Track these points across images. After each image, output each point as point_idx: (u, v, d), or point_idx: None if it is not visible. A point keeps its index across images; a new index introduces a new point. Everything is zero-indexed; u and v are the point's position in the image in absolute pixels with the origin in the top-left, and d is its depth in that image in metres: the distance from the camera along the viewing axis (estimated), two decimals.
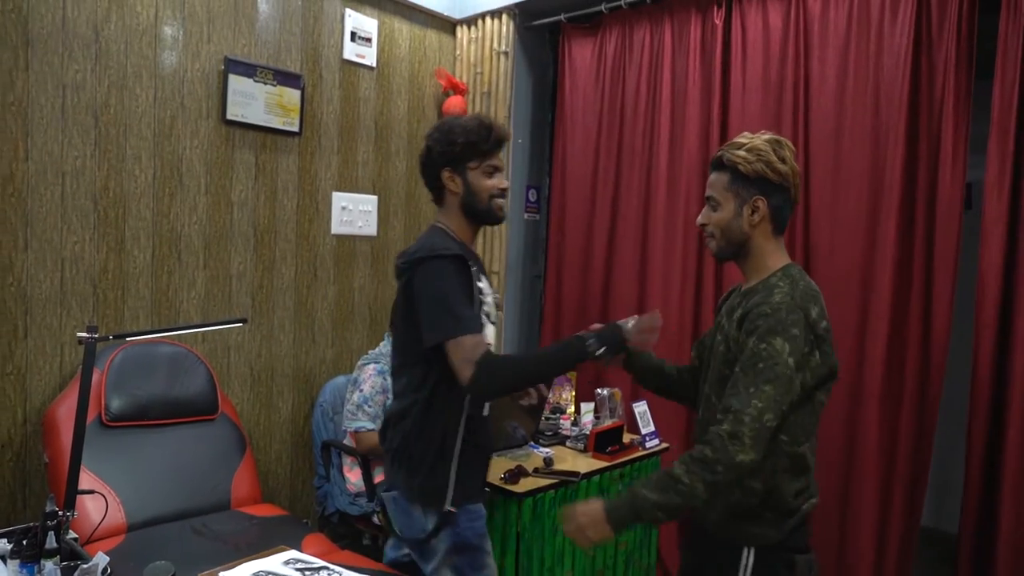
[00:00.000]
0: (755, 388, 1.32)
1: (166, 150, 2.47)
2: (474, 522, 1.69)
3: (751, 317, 1.37)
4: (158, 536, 2.05)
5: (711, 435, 1.33)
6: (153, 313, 2.48)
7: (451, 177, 1.69)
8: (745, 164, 1.43)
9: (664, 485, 1.33)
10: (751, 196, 1.44)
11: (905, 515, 2.36)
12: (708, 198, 1.51)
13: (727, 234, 1.48)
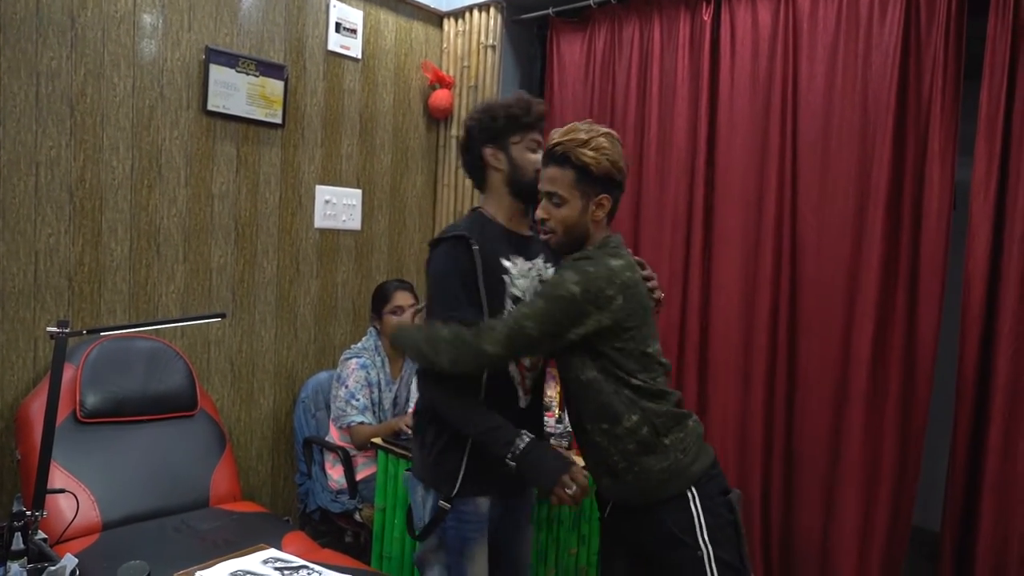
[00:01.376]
0: (530, 304, 1.45)
1: (145, 141, 2.42)
2: (463, 524, 1.61)
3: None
4: (134, 535, 2.01)
5: (480, 326, 1.46)
6: (131, 307, 2.43)
7: (494, 154, 1.66)
8: (596, 165, 1.46)
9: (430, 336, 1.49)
10: (597, 194, 1.50)
11: (891, 515, 2.36)
12: (550, 194, 1.52)
13: (571, 231, 1.52)
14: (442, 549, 1.64)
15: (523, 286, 1.65)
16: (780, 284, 2.54)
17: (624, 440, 1.46)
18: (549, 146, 1.52)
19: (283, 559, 1.80)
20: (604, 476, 1.54)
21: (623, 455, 1.47)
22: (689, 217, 2.73)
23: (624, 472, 1.48)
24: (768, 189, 2.55)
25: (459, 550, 1.63)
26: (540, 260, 1.71)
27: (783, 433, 2.55)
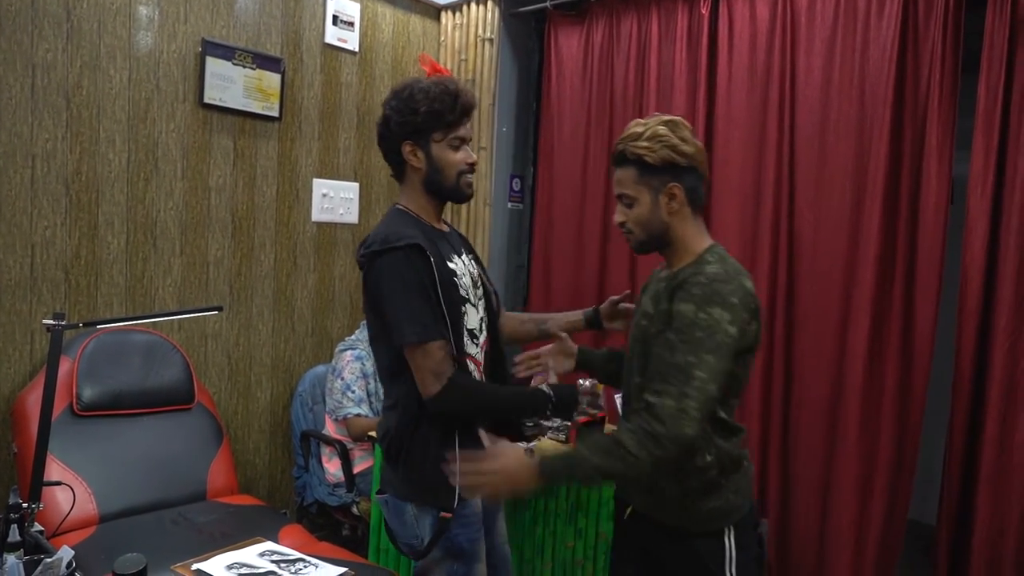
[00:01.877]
0: (696, 359, 1.28)
1: (141, 133, 2.41)
2: (467, 528, 1.56)
3: (685, 287, 1.34)
4: (131, 527, 2.01)
5: (659, 407, 1.27)
6: (127, 300, 2.43)
7: (413, 151, 1.53)
8: (651, 154, 1.39)
9: (610, 451, 1.29)
10: (665, 184, 1.41)
11: (887, 508, 2.37)
12: (620, 195, 1.45)
13: (648, 228, 1.45)
14: (448, 558, 1.56)
15: (466, 284, 1.57)
16: (777, 278, 2.54)
17: (690, 476, 1.39)
18: (613, 149, 1.47)
19: (280, 552, 1.81)
20: (645, 494, 1.47)
21: (682, 489, 1.40)
22: None
23: (672, 501, 1.42)
24: (765, 183, 2.55)
25: (470, 552, 1.56)
26: (465, 255, 1.64)
27: (780, 426, 2.56)
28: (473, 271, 1.64)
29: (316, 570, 1.70)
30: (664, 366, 1.31)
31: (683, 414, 1.26)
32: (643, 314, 1.47)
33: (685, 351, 1.29)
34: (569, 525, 2.25)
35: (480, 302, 1.62)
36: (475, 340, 1.59)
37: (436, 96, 1.50)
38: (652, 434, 1.26)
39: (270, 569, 1.70)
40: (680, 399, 1.27)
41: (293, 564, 1.74)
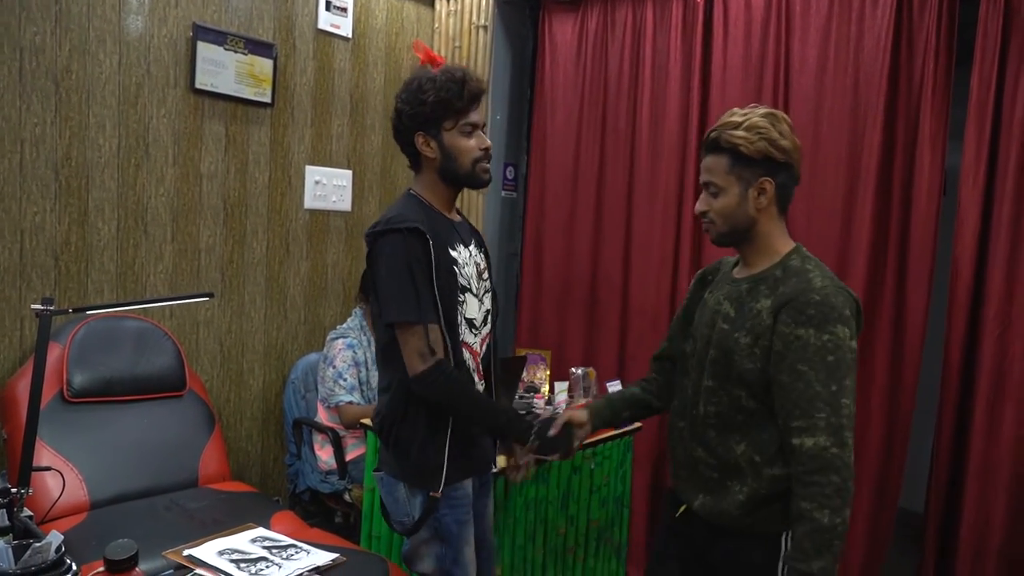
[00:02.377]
0: (837, 386, 1.25)
1: (131, 119, 2.39)
2: (456, 509, 1.60)
3: (796, 306, 1.29)
4: (123, 514, 2.01)
5: (817, 455, 1.24)
6: (118, 287, 2.41)
7: (426, 141, 1.55)
8: (747, 145, 1.33)
9: (823, 542, 1.22)
10: (757, 178, 1.35)
11: (877, 497, 2.39)
12: (706, 184, 1.40)
13: (732, 220, 1.38)
14: (436, 539, 1.61)
15: (469, 274, 1.59)
16: None
17: (762, 482, 1.35)
18: (706, 135, 1.42)
19: (271, 538, 1.81)
20: (706, 495, 1.44)
21: (750, 493, 1.36)
22: (680, 198, 2.73)
23: (737, 504, 1.38)
24: None
25: (457, 534, 1.60)
26: (473, 247, 1.65)
27: None
28: (480, 263, 1.66)
29: (307, 556, 1.71)
30: (802, 399, 1.27)
31: (844, 447, 1.24)
32: (722, 315, 1.41)
33: (823, 381, 1.26)
34: (561, 512, 2.26)
35: (486, 295, 1.66)
36: (474, 330, 1.61)
37: (443, 85, 1.51)
38: (836, 491, 1.22)
39: (261, 555, 1.70)
40: (835, 433, 1.24)
41: (285, 550, 1.74)
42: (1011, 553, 2.16)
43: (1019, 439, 2.13)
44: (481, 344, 1.66)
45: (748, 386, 1.36)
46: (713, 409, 1.41)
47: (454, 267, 1.55)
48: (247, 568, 1.62)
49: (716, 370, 1.40)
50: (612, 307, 2.95)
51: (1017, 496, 2.14)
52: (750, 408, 1.37)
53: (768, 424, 1.35)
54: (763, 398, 1.35)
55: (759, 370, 1.34)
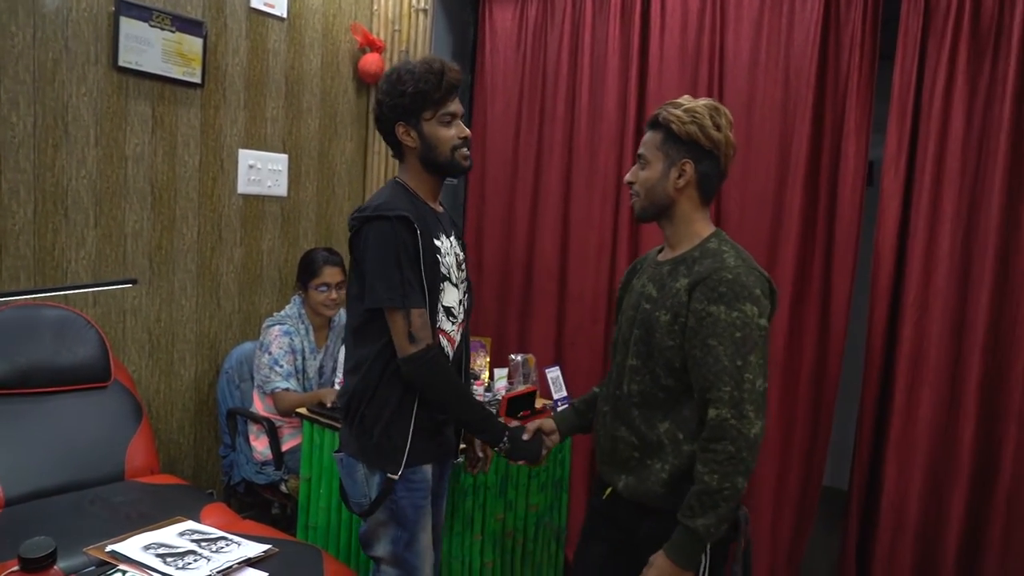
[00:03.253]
0: (742, 361, 1.32)
1: (48, 96, 2.27)
2: (413, 493, 1.62)
3: (709, 284, 1.35)
4: (42, 510, 1.92)
5: (718, 425, 1.32)
6: (36, 274, 2.30)
7: (406, 132, 1.62)
8: (679, 124, 1.41)
9: (708, 503, 1.33)
10: (679, 158, 1.43)
11: (804, 476, 2.48)
12: (639, 155, 1.49)
13: (651, 194, 1.47)
14: (392, 521, 1.62)
15: (449, 263, 1.64)
16: None
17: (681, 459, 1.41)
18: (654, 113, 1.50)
19: (200, 531, 1.77)
20: (629, 475, 1.48)
21: (671, 471, 1.42)
22: (618, 186, 2.76)
23: (659, 483, 1.43)
24: None
25: (413, 519, 1.62)
26: (453, 238, 1.71)
27: None
28: (459, 254, 1.72)
29: (238, 548, 1.67)
30: (710, 373, 1.34)
31: (743, 419, 1.31)
32: (645, 296, 1.48)
33: (730, 356, 1.32)
34: (499, 498, 2.27)
35: (462, 284, 1.71)
36: (451, 318, 1.66)
37: (421, 76, 1.57)
38: (728, 457, 1.31)
39: (190, 548, 1.66)
40: (736, 405, 1.31)
41: (214, 543, 1.70)
42: (926, 528, 2.28)
43: (934, 419, 2.25)
44: (458, 332, 1.71)
45: (668, 364, 1.42)
46: (636, 388, 1.46)
47: (437, 256, 1.61)
48: (174, 562, 1.58)
49: (639, 349, 1.46)
50: (550, 294, 2.97)
51: (932, 473, 2.26)
52: (669, 386, 1.43)
53: (688, 401, 1.42)
54: (681, 376, 1.41)
55: (678, 347, 1.40)
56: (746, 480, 1.33)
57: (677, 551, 1.36)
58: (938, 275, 2.23)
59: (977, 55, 2.16)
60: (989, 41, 2.14)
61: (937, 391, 2.24)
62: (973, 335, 2.18)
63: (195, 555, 1.61)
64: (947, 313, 2.22)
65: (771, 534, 2.52)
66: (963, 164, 2.19)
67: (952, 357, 2.23)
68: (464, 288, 1.73)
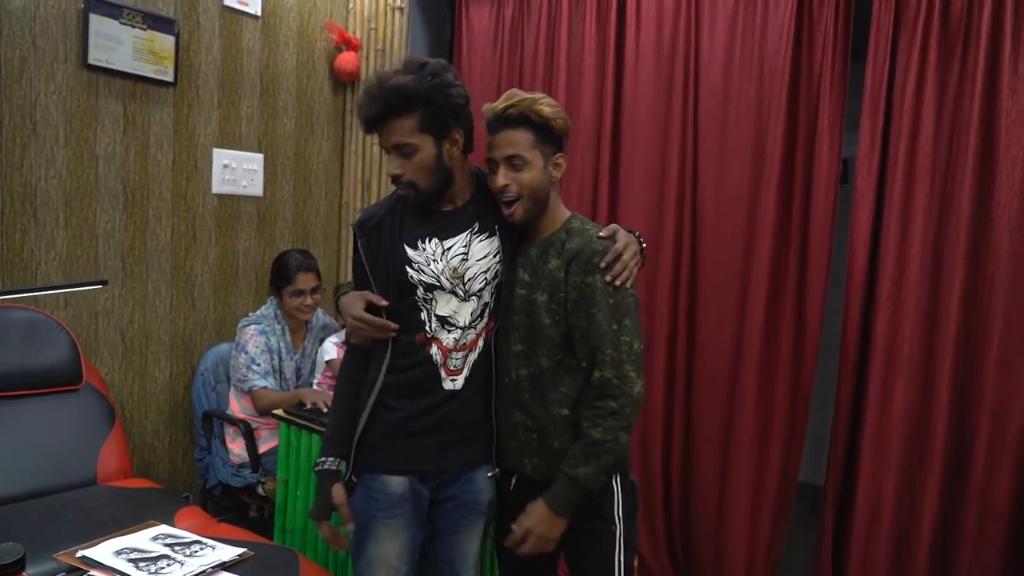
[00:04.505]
0: (618, 325, 1.41)
1: (15, 95, 2.23)
2: (366, 501, 1.56)
3: (583, 257, 1.43)
4: (11, 516, 1.89)
5: (602, 385, 1.41)
6: (4, 275, 2.26)
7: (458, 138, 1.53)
8: (557, 119, 1.44)
9: (591, 453, 1.41)
10: (553, 153, 1.47)
11: (781, 472, 2.50)
12: (510, 157, 1.43)
13: (536, 195, 1.46)
14: (355, 519, 1.58)
15: (438, 270, 1.52)
16: (682, 252, 2.62)
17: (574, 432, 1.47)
18: (497, 112, 1.45)
19: (174, 535, 1.74)
20: (534, 458, 1.53)
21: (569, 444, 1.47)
22: (595, 184, 2.77)
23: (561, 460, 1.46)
24: (671, 159, 2.61)
25: (363, 525, 1.56)
26: (465, 235, 1.54)
27: (683, 397, 2.65)
28: (466, 255, 1.53)
29: (213, 552, 1.65)
30: (593, 339, 1.42)
31: (624, 378, 1.40)
32: (519, 283, 1.52)
33: (608, 321, 1.41)
34: None
35: (475, 290, 1.54)
36: (448, 327, 1.53)
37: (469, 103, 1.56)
38: (610, 412, 1.40)
39: (163, 553, 1.63)
40: (617, 366, 1.40)
41: (188, 547, 1.68)
42: (900, 521, 2.30)
43: (907, 413, 2.27)
44: (463, 336, 1.55)
45: (548, 342, 1.47)
46: (525, 372, 1.51)
47: (406, 266, 1.51)
48: (146, 567, 1.56)
49: (522, 333, 1.51)
50: None
51: (906, 467, 2.29)
52: (550, 367, 1.48)
53: (569, 377, 1.47)
54: (560, 352, 1.47)
55: (556, 323, 1.46)
56: (627, 435, 1.42)
57: (555, 499, 1.43)
58: (911, 270, 2.25)
59: (947, 53, 2.19)
60: (958, 40, 2.17)
61: (910, 384, 2.26)
62: (945, 329, 2.21)
63: (168, 559, 1.59)
64: (920, 308, 2.25)
65: (749, 529, 2.53)
66: (934, 161, 2.22)
67: (925, 351, 2.25)
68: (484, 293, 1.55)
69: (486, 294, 1.55)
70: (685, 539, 2.71)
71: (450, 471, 1.58)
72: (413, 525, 1.57)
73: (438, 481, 1.58)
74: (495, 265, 1.55)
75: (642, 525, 2.70)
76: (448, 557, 1.61)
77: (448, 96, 1.45)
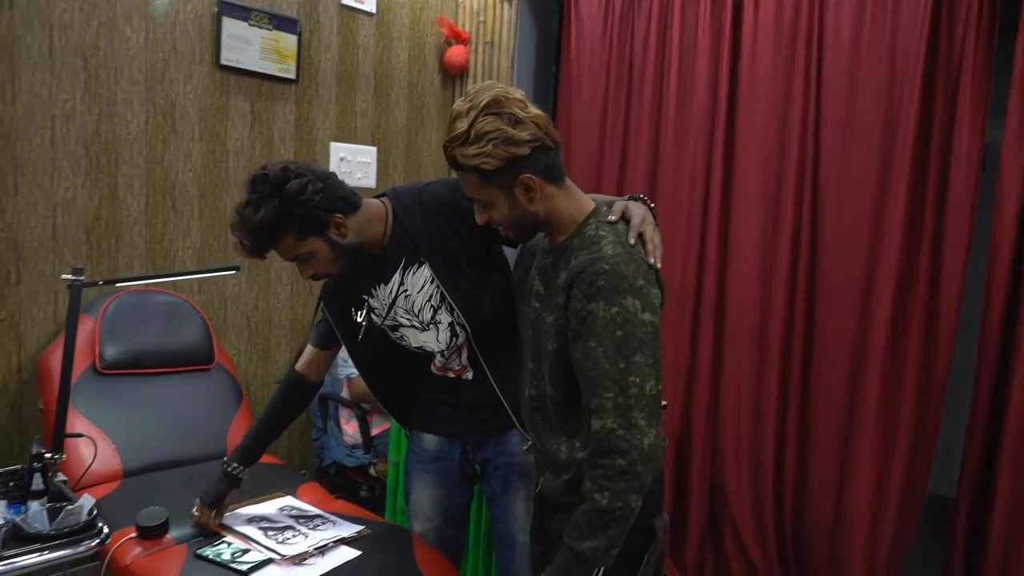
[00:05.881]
0: (625, 363, 1.16)
1: (159, 95, 2.41)
2: (410, 455, 1.80)
3: (585, 278, 1.19)
4: (154, 482, 2.04)
5: (604, 438, 1.17)
6: (148, 262, 2.45)
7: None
8: (486, 161, 1.20)
9: (598, 524, 1.19)
10: (514, 179, 1.23)
11: (906, 480, 2.34)
12: (473, 200, 1.30)
13: (520, 223, 1.29)
14: None
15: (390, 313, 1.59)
16: (800, 244, 2.49)
17: (573, 468, 1.30)
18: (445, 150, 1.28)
19: (299, 508, 1.84)
20: (546, 472, 1.42)
21: (570, 477, 1.31)
22: (708, 175, 2.68)
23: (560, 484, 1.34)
24: (790, 147, 2.49)
25: (408, 474, 1.81)
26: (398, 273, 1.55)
27: (798, 395, 2.53)
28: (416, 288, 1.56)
29: (334, 527, 1.73)
30: (591, 379, 1.19)
31: (631, 428, 1.16)
32: (535, 294, 1.35)
33: (611, 358, 1.17)
34: None
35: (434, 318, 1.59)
36: (427, 352, 1.67)
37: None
38: (619, 473, 1.17)
39: (289, 524, 1.73)
40: (622, 414, 1.16)
41: (311, 520, 1.77)
42: None
43: None
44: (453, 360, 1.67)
45: (552, 370, 1.29)
46: (535, 392, 1.37)
47: (371, 313, 1.63)
48: (274, 536, 1.65)
49: (533, 351, 1.35)
50: None
51: None
52: (555, 396, 1.31)
53: (573, 409, 1.30)
54: (564, 384, 1.28)
55: (558, 351, 1.27)
56: (640, 498, 1.18)
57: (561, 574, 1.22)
58: None
59: None
60: None
61: None
62: None
63: (294, 531, 1.68)
64: None
65: (868, 540, 2.39)
66: None
67: None
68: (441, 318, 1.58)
69: (442, 316, 1.57)
70: (797, 545, 2.59)
71: (477, 434, 1.71)
72: (447, 483, 1.75)
73: (470, 443, 1.72)
74: (434, 290, 1.55)
75: (752, 528, 2.61)
76: (501, 517, 1.75)
77: (303, 206, 1.42)
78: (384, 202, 1.57)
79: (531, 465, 1.61)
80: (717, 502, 2.70)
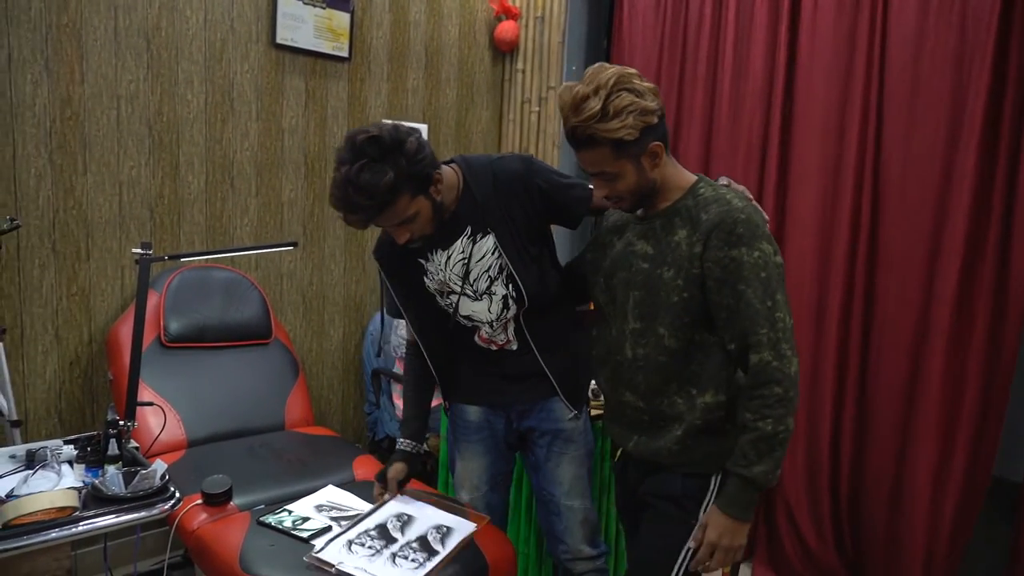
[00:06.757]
0: (771, 301, 1.30)
1: (217, 75, 2.46)
2: (454, 427, 1.84)
3: (724, 228, 1.31)
4: (216, 452, 2.12)
5: (761, 369, 1.30)
6: (207, 238, 2.52)
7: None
8: (628, 132, 1.28)
9: (764, 448, 1.30)
10: (643, 149, 1.33)
11: (969, 462, 2.27)
12: (599, 174, 1.36)
13: (639, 191, 1.38)
14: None
15: (444, 279, 1.62)
16: (860, 218, 2.42)
17: (695, 413, 1.39)
18: (567, 129, 1.34)
19: (403, 511, 1.68)
20: (640, 434, 1.47)
21: (684, 428, 1.40)
22: (764, 149, 2.62)
23: (673, 440, 1.41)
24: (851, 119, 2.41)
25: (453, 446, 1.85)
26: (460, 240, 1.57)
27: (857, 372, 2.47)
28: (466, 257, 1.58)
29: (448, 535, 1.58)
30: (745, 318, 1.31)
31: (783, 359, 1.29)
32: (640, 256, 1.41)
33: (760, 298, 1.30)
34: None
35: (487, 287, 1.61)
36: (475, 323, 1.68)
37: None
38: (777, 400, 1.30)
39: (407, 540, 1.56)
40: (774, 347, 1.30)
41: (421, 526, 1.62)
42: None
43: None
44: (497, 332, 1.69)
45: (674, 322, 1.37)
46: (642, 352, 1.42)
47: (424, 277, 1.65)
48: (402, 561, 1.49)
49: (642, 311, 1.41)
50: None
51: None
52: (673, 347, 1.39)
53: (697, 355, 1.39)
54: (691, 332, 1.38)
55: (686, 301, 1.36)
56: (794, 420, 1.32)
57: (734, 504, 1.33)
58: None
59: None
60: None
61: None
62: None
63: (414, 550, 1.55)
64: None
65: (928, 522, 2.33)
66: None
67: None
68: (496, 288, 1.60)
69: (497, 288, 1.60)
70: (854, 526, 2.55)
71: (521, 402, 1.74)
72: (492, 452, 1.79)
73: (514, 412, 1.75)
74: (495, 261, 1.59)
75: (806, 509, 2.57)
76: (546, 483, 1.77)
77: (421, 163, 1.42)
78: (455, 168, 1.59)
79: (577, 431, 1.75)
80: None
